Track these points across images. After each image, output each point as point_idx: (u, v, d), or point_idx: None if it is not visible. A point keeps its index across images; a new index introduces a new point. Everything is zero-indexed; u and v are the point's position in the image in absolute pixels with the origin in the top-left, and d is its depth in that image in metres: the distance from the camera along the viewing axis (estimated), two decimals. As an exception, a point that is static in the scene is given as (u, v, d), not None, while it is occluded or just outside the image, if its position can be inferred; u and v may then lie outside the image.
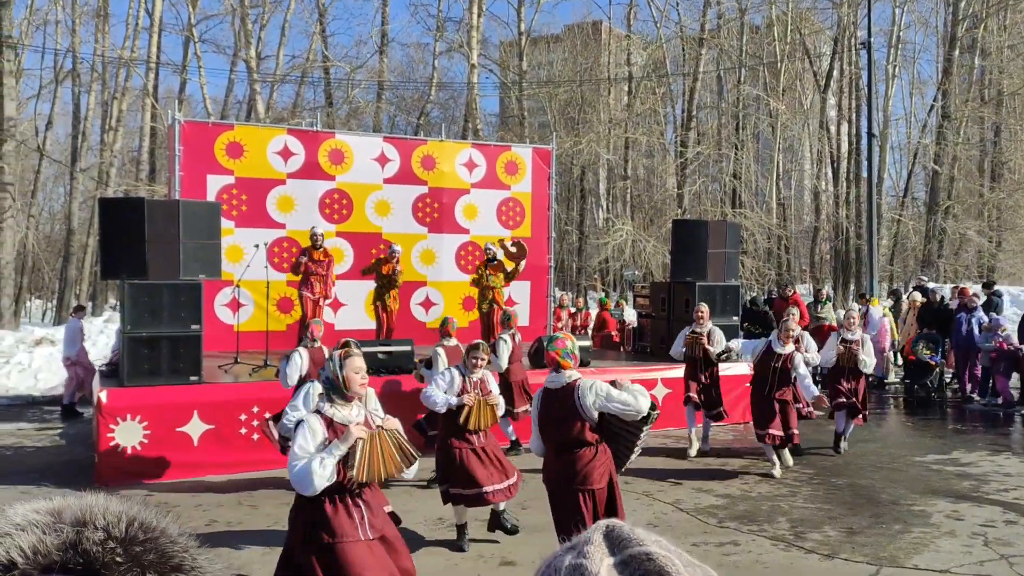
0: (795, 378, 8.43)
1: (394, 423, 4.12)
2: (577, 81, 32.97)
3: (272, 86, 29.44)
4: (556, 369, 4.78)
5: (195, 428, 8.65)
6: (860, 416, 9.53)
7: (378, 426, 4.03)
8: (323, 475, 3.74)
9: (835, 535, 6.63)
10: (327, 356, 4.24)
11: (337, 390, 3.98)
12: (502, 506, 6.45)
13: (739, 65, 31.34)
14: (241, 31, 28.07)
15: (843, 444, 9.65)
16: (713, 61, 32.64)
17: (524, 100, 31.51)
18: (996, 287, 15.56)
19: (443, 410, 6.24)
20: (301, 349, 8.07)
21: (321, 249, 11.45)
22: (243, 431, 8.84)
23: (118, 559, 0.81)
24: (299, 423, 3.96)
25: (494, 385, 6.51)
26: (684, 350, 9.66)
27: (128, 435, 8.37)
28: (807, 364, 8.70)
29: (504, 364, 9.02)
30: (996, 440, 10.54)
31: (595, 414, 4.63)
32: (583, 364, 10.67)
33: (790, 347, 8.50)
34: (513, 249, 11.93)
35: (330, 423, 3.91)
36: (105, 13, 26.64)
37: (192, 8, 28.08)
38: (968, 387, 13.41)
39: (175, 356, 8.80)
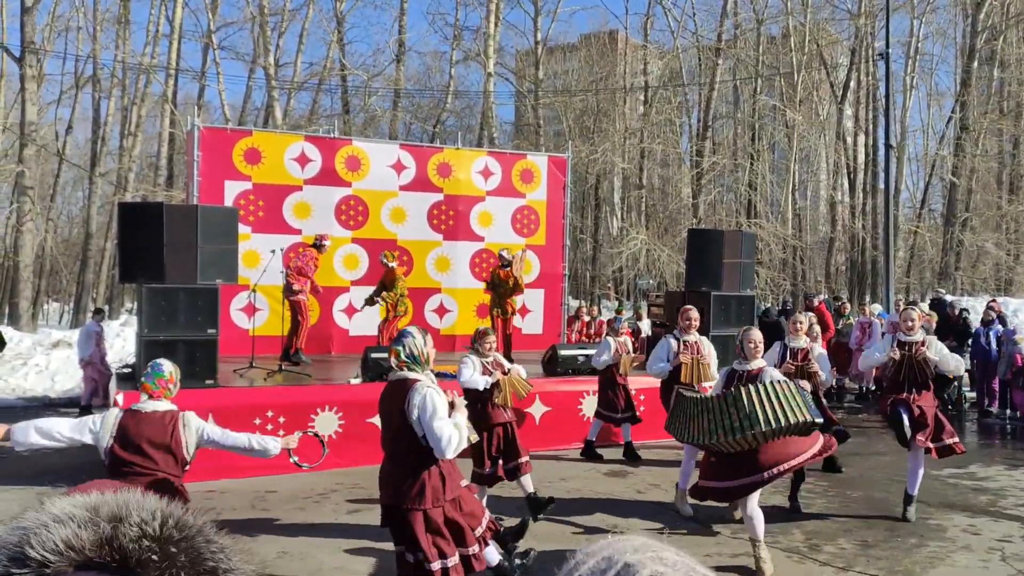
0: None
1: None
2: (593, 90, 33.01)
3: (290, 93, 29.63)
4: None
5: (210, 432, 8.69)
6: (934, 446, 7.06)
7: None
8: None
9: (850, 548, 6.59)
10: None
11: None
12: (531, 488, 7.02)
13: (755, 75, 31.28)
14: (260, 39, 28.29)
15: (911, 509, 7.29)
16: (729, 71, 32.59)
17: (540, 109, 31.56)
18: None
19: (483, 388, 6.71)
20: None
21: (324, 254, 11.67)
22: (257, 435, 8.88)
23: (154, 557, 0.80)
24: None
25: (505, 362, 7.11)
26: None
27: (143, 438, 8.41)
28: (823, 384, 7.72)
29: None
30: (1013, 454, 10.44)
31: None
32: (594, 372, 10.66)
33: (804, 339, 7.85)
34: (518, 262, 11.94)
35: None
36: (126, 20, 26.92)
37: (211, 16, 28.32)
38: (986, 400, 13.31)
39: (191, 360, 8.84)
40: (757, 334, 6.67)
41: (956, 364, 7.31)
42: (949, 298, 17.37)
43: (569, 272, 15.50)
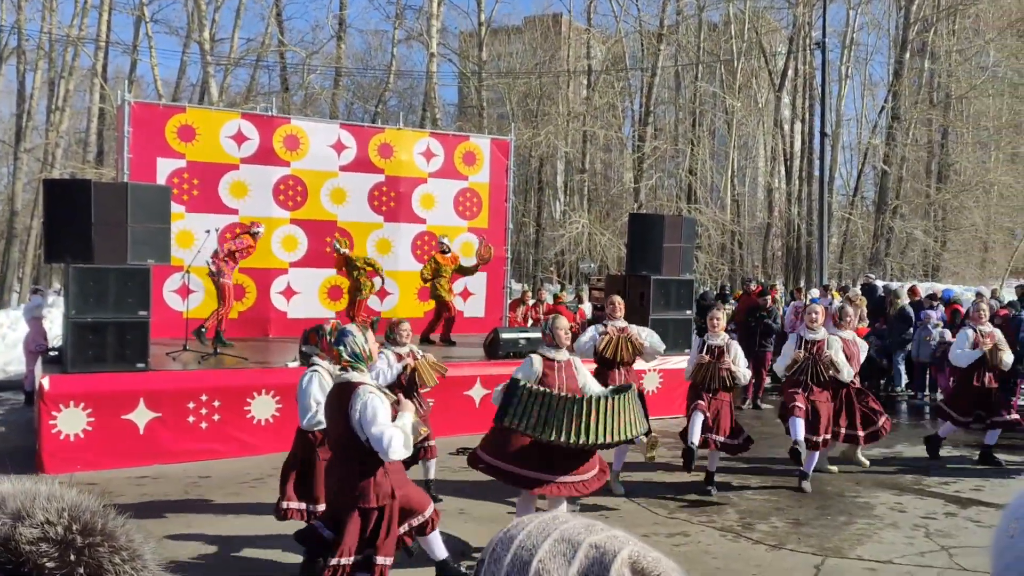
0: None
1: None
2: (536, 73, 32.93)
3: (226, 69, 28.84)
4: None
5: (141, 416, 8.46)
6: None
7: None
8: None
9: (782, 526, 6.75)
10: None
11: None
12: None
13: (696, 62, 31.59)
14: (195, 12, 27.44)
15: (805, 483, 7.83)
16: (671, 57, 32.86)
17: (483, 91, 31.37)
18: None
19: (392, 380, 6.65)
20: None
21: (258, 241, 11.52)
22: (191, 419, 8.68)
23: (49, 564, 0.75)
24: None
25: (417, 351, 7.10)
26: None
27: (71, 422, 8.15)
28: (739, 380, 7.61)
29: None
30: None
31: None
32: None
33: (723, 336, 7.74)
34: (485, 254, 12.15)
35: None
36: (53, -11, 25.82)
37: (144, -13, 27.36)
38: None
39: (121, 342, 8.59)
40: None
41: (848, 373, 7.78)
42: (879, 283, 17.84)
43: (512, 255, 15.49)
